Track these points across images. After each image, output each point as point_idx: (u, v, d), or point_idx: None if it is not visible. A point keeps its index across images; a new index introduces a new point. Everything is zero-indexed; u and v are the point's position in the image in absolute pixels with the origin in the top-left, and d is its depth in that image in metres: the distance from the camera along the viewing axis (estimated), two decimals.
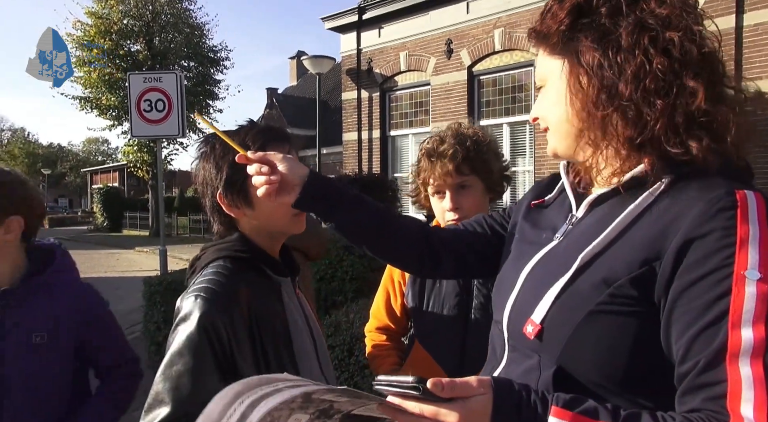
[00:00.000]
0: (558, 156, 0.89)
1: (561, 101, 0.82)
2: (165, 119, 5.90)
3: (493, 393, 0.66)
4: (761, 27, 6.78)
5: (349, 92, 11.98)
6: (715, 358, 0.64)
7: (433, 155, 1.50)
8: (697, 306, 0.66)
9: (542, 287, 0.80)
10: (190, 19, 20.90)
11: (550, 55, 0.85)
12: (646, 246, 0.72)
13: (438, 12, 10.21)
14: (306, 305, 1.24)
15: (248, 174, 1.02)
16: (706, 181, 0.72)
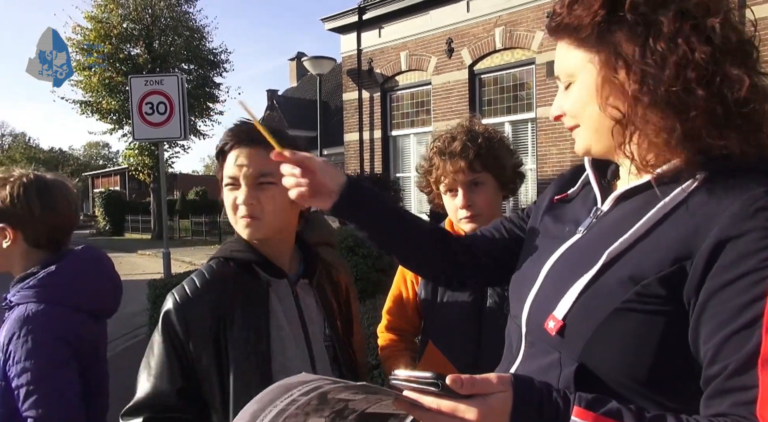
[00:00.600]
0: (590, 153, 0.85)
1: (594, 95, 0.78)
2: (167, 122, 5.89)
3: (514, 391, 0.65)
4: (762, 22, 6.75)
5: (350, 93, 11.97)
6: (746, 363, 0.61)
7: (445, 153, 1.48)
8: (729, 308, 0.64)
9: (565, 282, 0.77)
10: (189, 22, 20.92)
11: (579, 48, 0.79)
12: (678, 244, 0.69)
13: (438, 11, 10.20)
14: (311, 308, 1.21)
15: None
16: (742, 179, 0.69)
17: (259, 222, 1.12)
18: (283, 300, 1.16)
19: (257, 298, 1.13)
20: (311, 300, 1.23)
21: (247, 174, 1.10)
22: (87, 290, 1.42)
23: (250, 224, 1.11)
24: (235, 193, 1.12)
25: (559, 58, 0.84)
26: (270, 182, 1.11)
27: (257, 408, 0.61)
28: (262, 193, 1.11)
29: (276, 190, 1.10)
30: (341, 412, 0.68)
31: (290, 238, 1.23)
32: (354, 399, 0.67)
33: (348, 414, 0.69)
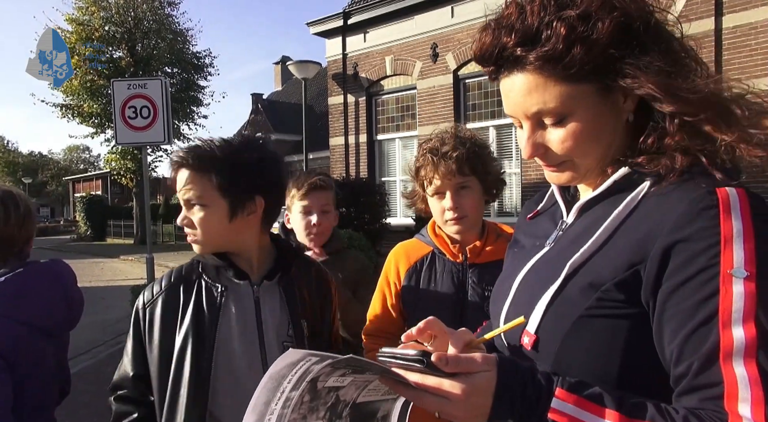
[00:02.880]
0: (574, 183, 0.85)
1: (595, 129, 0.76)
2: (150, 126, 5.84)
3: (498, 371, 0.66)
4: (739, 29, 6.93)
5: (335, 97, 11.98)
6: (708, 359, 0.64)
7: (436, 155, 1.51)
8: (686, 308, 0.66)
9: (534, 296, 0.79)
10: (172, 25, 20.77)
11: (572, 83, 0.73)
12: (632, 249, 0.71)
13: (423, 16, 10.27)
14: (274, 312, 1.25)
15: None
16: (686, 182, 0.71)
17: (197, 241, 1.24)
18: (241, 301, 1.23)
19: (211, 300, 1.21)
20: (275, 300, 1.26)
21: (182, 197, 1.23)
22: (34, 305, 1.39)
23: (193, 242, 1.25)
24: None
25: (542, 94, 0.75)
26: (202, 204, 1.21)
27: (256, 418, 0.61)
28: (193, 215, 1.23)
29: (208, 212, 1.21)
30: (335, 408, 0.69)
31: (250, 245, 1.27)
32: (343, 386, 0.67)
33: (342, 410, 0.70)
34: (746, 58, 6.89)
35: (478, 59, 0.81)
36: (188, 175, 1.20)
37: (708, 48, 7.10)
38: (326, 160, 13.55)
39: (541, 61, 0.72)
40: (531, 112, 0.76)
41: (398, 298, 1.63)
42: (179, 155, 1.21)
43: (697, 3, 7.18)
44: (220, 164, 1.18)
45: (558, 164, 0.80)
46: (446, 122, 9.90)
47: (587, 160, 0.79)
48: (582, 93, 0.74)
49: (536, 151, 0.79)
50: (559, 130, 0.76)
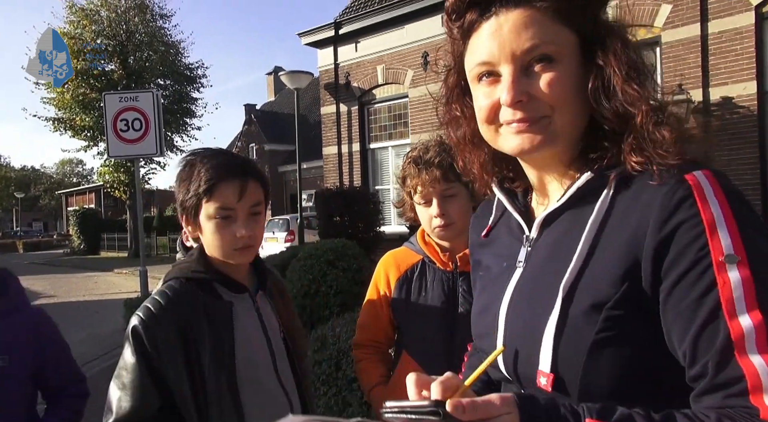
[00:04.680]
0: (545, 150, 0.76)
1: (576, 90, 0.74)
2: (142, 138, 5.84)
3: (520, 411, 0.61)
4: (725, 34, 7.02)
5: (327, 106, 12.01)
6: (724, 355, 0.61)
7: (420, 163, 1.52)
8: (688, 305, 0.64)
9: (532, 328, 0.75)
10: (165, 37, 20.81)
11: (566, 26, 0.73)
12: (622, 258, 0.69)
13: (414, 25, 10.35)
14: (271, 317, 1.29)
15: (201, 201, 1.13)
16: (647, 181, 0.70)
17: (254, 252, 1.23)
18: (246, 313, 1.23)
19: (222, 315, 1.18)
20: (268, 307, 1.30)
21: (249, 205, 1.20)
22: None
23: (251, 254, 1.23)
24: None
25: (530, 30, 0.72)
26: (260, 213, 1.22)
27: None
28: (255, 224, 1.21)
29: (262, 222, 1.24)
30: None
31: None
32: None
33: None
34: (732, 62, 6.97)
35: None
36: (255, 184, 1.20)
37: (695, 53, 7.18)
38: (320, 170, 13.57)
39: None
40: (523, 49, 0.72)
41: (388, 307, 1.64)
42: (244, 165, 1.20)
43: (683, 9, 7.27)
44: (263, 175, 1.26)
45: (537, 120, 0.74)
46: (438, 130, 9.91)
47: (564, 118, 0.74)
48: (571, 43, 0.74)
49: (521, 96, 0.73)
50: (546, 73, 0.72)
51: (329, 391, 2.74)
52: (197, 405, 1.10)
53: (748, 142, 6.89)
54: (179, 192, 1.21)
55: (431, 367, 1.51)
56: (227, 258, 1.19)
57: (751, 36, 6.81)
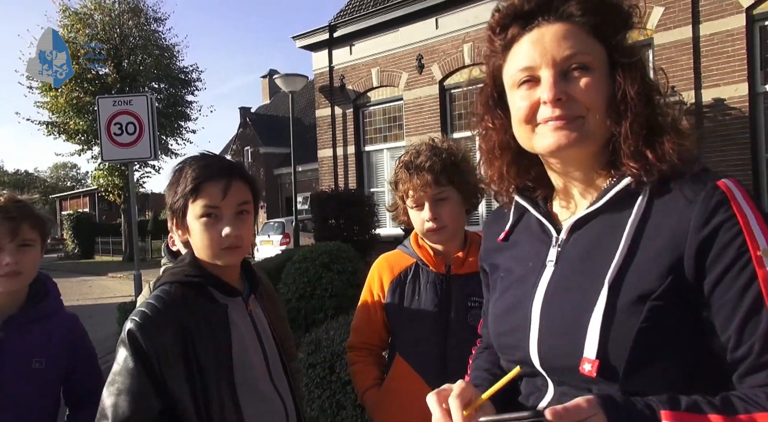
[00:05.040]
0: (579, 147, 0.83)
1: (606, 97, 0.83)
2: (136, 142, 5.83)
3: (604, 411, 0.68)
4: (716, 36, 7.08)
5: (322, 109, 12.02)
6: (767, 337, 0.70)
7: (412, 168, 1.53)
8: (732, 297, 0.72)
9: (575, 320, 0.80)
10: (159, 41, 20.78)
11: (598, 41, 0.83)
12: (665, 255, 0.76)
13: (408, 28, 10.38)
14: (263, 321, 1.29)
15: (188, 201, 1.14)
16: (682, 181, 0.79)
17: (243, 252, 1.22)
18: (240, 317, 1.23)
19: (218, 319, 1.18)
20: (259, 311, 1.31)
21: (235, 205, 1.20)
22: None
23: (239, 253, 1.21)
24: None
25: (570, 41, 0.82)
26: (248, 212, 1.22)
27: None
28: (242, 223, 1.21)
29: (250, 221, 1.23)
30: None
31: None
32: None
33: None
34: (724, 64, 7.03)
35: (525, 9, 0.86)
36: (241, 184, 1.21)
37: (687, 55, 7.23)
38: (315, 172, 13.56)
39: (581, 12, 0.82)
40: (563, 56, 0.82)
41: (382, 310, 1.64)
42: (229, 165, 1.21)
43: (675, 12, 7.32)
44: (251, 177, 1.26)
45: (573, 119, 0.82)
46: (433, 132, 9.97)
47: (596, 120, 0.82)
48: (602, 55, 0.83)
49: (561, 94, 0.81)
50: (583, 78, 0.81)
51: (323, 394, 2.74)
52: (197, 408, 1.10)
53: (739, 143, 6.94)
54: (168, 196, 1.21)
55: (424, 370, 1.53)
56: (215, 258, 1.19)
57: (742, 38, 6.87)
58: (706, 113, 7.18)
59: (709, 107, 7.15)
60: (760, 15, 6.84)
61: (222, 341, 1.16)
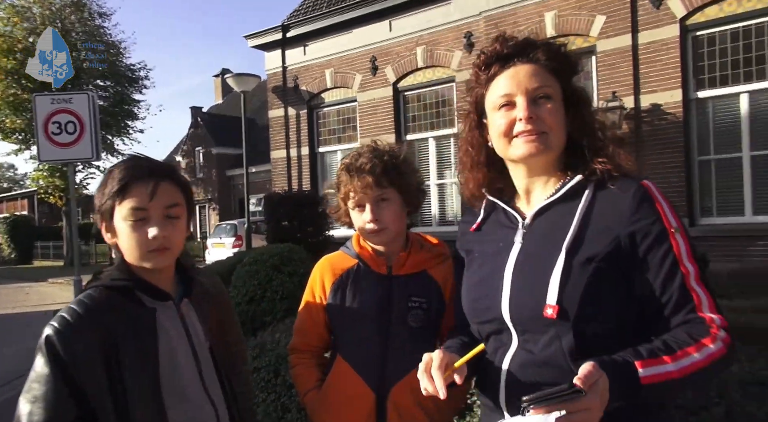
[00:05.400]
0: (544, 154, 1.11)
1: (562, 121, 1.13)
2: (76, 142, 5.58)
3: (605, 372, 0.89)
4: (653, 45, 7.45)
5: (275, 110, 11.88)
6: (682, 287, 1.00)
7: (353, 170, 1.53)
8: (657, 261, 1.02)
9: (539, 277, 1.05)
10: (104, 37, 19.96)
11: (554, 77, 1.13)
12: (607, 231, 1.04)
13: (362, 30, 10.40)
14: (196, 325, 1.26)
15: (115, 203, 1.13)
16: (618, 180, 1.08)
17: (171, 254, 1.19)
18: (171, 321, 1.20)
19: (145, 323, 1.15)
20: (193, 315, 1.27)
21: (163, 207, 1.17)
22: None
23: (167, 255, 1.18)
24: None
25: (537, 77, 1.11)
26: (178, 216, 1.19)
27: None
28: (171, 226, 1.18)
29: (181, 225, 1.20)
30: None
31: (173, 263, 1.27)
32: None
33: None
34: (660, 71, 7.41)
35: (504, 53, 1.14)
36: (170, 186, 1.18)
37: (627, 62, 7.58)
38: (269, 174, 13.37)
39: (547, 57, 1.13)
40: (533, 87, 1.10)
41: (324, 311, 1.63)
42: (159, 166, 1.18)
43: (615, 20, 7.67)
44: (182, 179, 1.24)
45: (540, 133, 1.09)
46: (387, 134, 10.02)
47: (557, 137, 1.11)
48: (559, 90, 1.12)
49: (532, 114, 1.09)
50: (547, 104, 1.10)
51: (268, 398, 2.70)
52: (118, 415, 1.07)
53: (675, 147, 7.33)
54: (96, 198, 1.17)
55: (364, 370, 1.53)
56: (142, 260, 1.16)
57: (676, 47, 7.27)
58: (644, 118, 7.54)
59: (647, 112, 7.52)
60: (692, 26, 7.25)
61: (149, 346, 1.13)
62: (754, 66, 6.91)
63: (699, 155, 7.36)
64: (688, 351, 0.96)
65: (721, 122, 7.25)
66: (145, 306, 1.17)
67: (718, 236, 6.95)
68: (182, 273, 1.30)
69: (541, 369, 1.04)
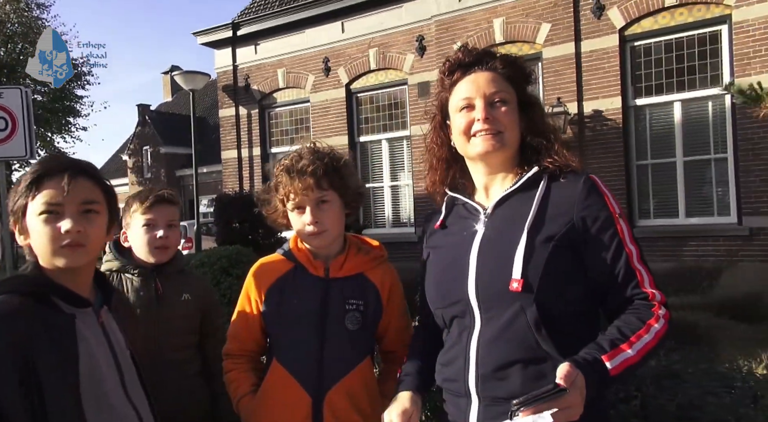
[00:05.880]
0: (500, 151, 1.24)
1: (516, 123, 1.26)
2: (8, 139, 5.26)
3: (580, 369, 0.98)
4: (595, 53, 7.78)
5: (226, 109, 11.64)
6: (627, 265, 1.14)
7: (293, 171, 1.52)
8: (606, 242, 1.16)
9: (502, 257, 1.16)
10: (43, 29, 18.95)
11: (512, 86, 1.26)
12: (562, 214, 1.18)
13: (314, 30, 10.35)
14: (116, 332, 1.23)
15: (27, 201, 1.09)
16: (569, 174, 1.22)
17: (87, 252, 1.13)
18: (90, 329, 1.16)
19: (63, 330, 1.10)
20: (113, 323, 1.24)
21: (79, 202, 1.11)
22: None
23: (80, 253, 1.12)
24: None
25: (494, 83, 1.25)
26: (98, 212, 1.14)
27: None
28: (88, 223, 1.12)
29: (101, 221, 1.15)
30: None
31: (93, 266, 1.23)
32: None
33: None
34: (601, 79, 7.74)
35: (466, 61, 1.28)
36: (87, 181, 1.12)
37: (571, 69, 7.88)
38: (220, 174, 13.07)
39: (503, 66, 1.27)
40: (490, 92, 1.24)
41: (260, 315, 1.61)
42: (75, 162, 1.13)
43: (560, 29, 7.95)
44: (101, 177, 1.19)
45: (496, 133, 1.21)
46: (340, 135, 10.01)
47: (511, 136, 1.24)
48: (514, 96, 1.26)
49: (489, 115, 1.22)
50: (503, 107, 1.23)
51: None
52: None
53: (615, 151, 7.68)
54: (10, 199, 1.11)
55: (301, 374, 1.52)
56: (54, 256, 1.10)
57: (616, 56, 7.61)
58: (587, 123, 7.86)
59: (590, 118, 7.83)
60: (630, 36, 7.62)
61: (67, 354, 1.08)
62: (686, 76, 7.33)
63: (637, 160, 7.74)
64: (640, 334, 1.08)
65: (657, 129, 7.65)
66: (62, 312, 1.12)
67: (655, 237, 7.33)
68: (100, 281, 1.26)
69: (508, 345, 1.14)
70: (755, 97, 4.44)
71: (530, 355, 1.12)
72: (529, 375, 1.11)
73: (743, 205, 6.96)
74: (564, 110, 7.65)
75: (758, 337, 4.04)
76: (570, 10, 7.83)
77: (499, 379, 1.13)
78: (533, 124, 1.27)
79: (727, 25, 7.01)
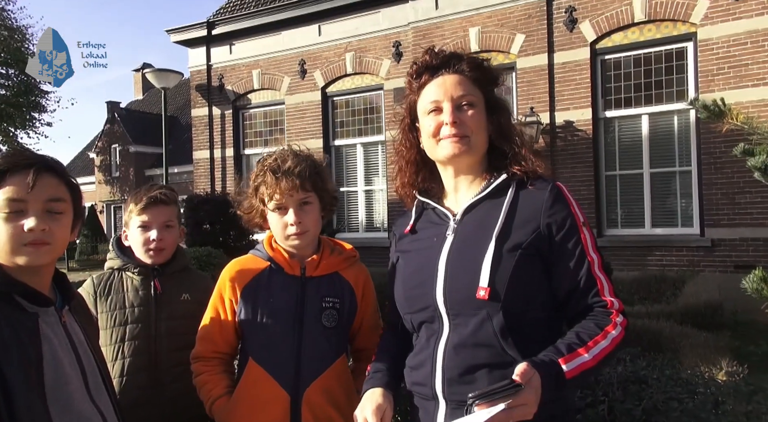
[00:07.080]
0: (468, 155, 1.24)
1: (484, 127, 1.27)
2: None
3: (537, 370, 1.00)
4: (567, 65, 7.96)
5: (199, 109, 11.47)
6: (589, 273, 1.16)
7: (279, 172, 1.52)
8: (570, 250, 1.17)
9: (469, 264, 1.17)
10: (7, 21, 18.35)
11: (477, 88, 1.26)
12: (529, 222, 1.19)
13: (290, 32, 10.30)
14: (78, 333, 1.20)
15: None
16: (536, 182, 1.23)
17: (49, 251, 1.10)
18: (53, 328, 1.12)
19: (26, 328, 1.07)
20: (75, 325, 1.21)
21: (46, 199, 1.09)
22: None
23: (45, 251, 1.10)
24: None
25: (461, 86, 1.24)
26: (62, 212, 1.11)
27: None
28: (52, 222, 1.10)
29: (65, 220, 1.12)
30: None
31: (54, 265, 1.20)
32: None
33: None
34: (573, 90, 7.93)
35: (434, 64, 1.27)
36: (53, 178, 1.09)
37: (544, 80, 8.05)
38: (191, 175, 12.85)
39: (470, 69, 1.26)
40: (457, 95, 1.24)
41: (234, 316, 1.59)
42: (41, 158, 1.10)
43: (534, 40, 8.12)
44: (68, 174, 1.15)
45: (463, 136, 1.22)
46: (315, 138, 9.97)
47: (479, 140, 1.25)
48: (481, 99, 1.26)
49: (456, 118, 1.22)
50: (470, 111, 1.23)
51: None
52: None
53: (585, 162, 7.86)
54: None
55: (279, 373, 1.51)
56: (15, 255, 1.06)
57: (587, 68, 7.81)
58: (558, 133, 8.03)
59: (561, 128, 8.01)
60: (602, 49, 7.83)
61: (32, 354, 1.04)
62: (653, 90, 7.57)
63: (606, 170, 7.94)
64: (597, 339, 1.10)
65: (626, 141, 7.87)
66: (26, 311, 1.09)
67: (622, 246, 7.52)
68: (59, 282, 1.22)
69: (474, 350, 1.15)
70: (718, 113, 4.62)
71: (496, 360, 1.13)
72: (495, 378, 1.11)
73: (705, 217, 7.21)
74: (537, 120, 7.80)
75: (718, 345, 4.18)
76: (544, 22, 8.00)
77: (465, 383, 1.14)
78: (501, 128, 1.27)
79: (693, 42, 7.28)
